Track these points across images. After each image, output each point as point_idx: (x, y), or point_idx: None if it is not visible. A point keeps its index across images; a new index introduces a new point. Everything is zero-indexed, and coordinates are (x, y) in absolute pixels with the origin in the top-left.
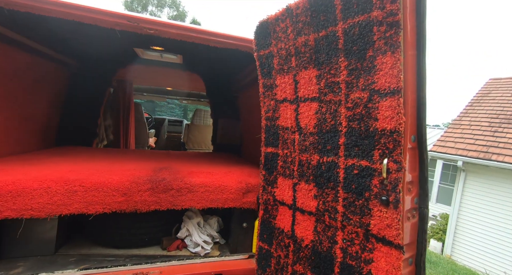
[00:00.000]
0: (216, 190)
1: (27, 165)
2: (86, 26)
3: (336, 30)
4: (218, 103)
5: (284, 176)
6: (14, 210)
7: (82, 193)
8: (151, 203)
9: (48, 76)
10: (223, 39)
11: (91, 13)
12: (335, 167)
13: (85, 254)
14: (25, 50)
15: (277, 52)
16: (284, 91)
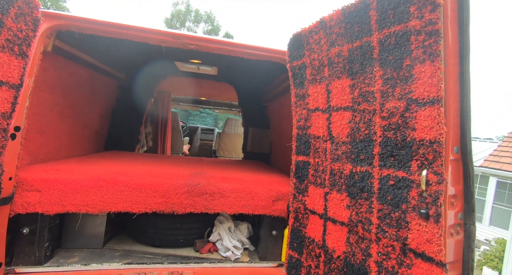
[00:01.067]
0: (247, 196)
1: (84, 166)
2: (134, 44)
3: (371, 41)
4: (249, 112)
5: (315, 185)
6: (74, 205)
7: (128, 193)
8: (186, 206)
9: (101, 88)
10: (256, 51)
11: (143, 33)
12: (369, 177)
13: (128, 250)
14: (86, 66)
15: (310, 63)
16: (316, 101)
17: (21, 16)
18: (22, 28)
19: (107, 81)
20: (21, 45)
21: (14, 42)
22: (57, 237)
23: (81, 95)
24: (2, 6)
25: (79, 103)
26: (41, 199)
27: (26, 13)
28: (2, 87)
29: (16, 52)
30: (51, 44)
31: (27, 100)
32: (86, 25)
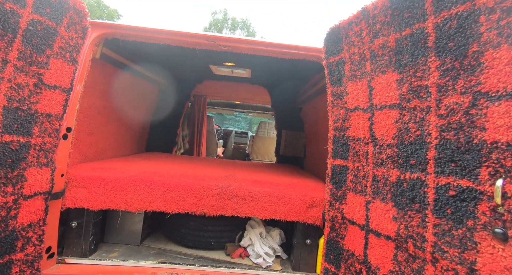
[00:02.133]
0: (279, 201)
1: (125, 166)
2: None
3: (424, 27)
4: (283, 114)
5: (354, 192)
6: (114, 202)
7: (162, 193)
8: (217, 208)
9: (143, 92)
10: (290, 50)
11: (178, 36)
12: (422, 186)
13: (162, 248)
14: (129, 72)
15: (349, 58)
16: (356, 99)
17: (72, 25)
18: (73, 36)
19: (148, 86)
20: (71, 52)
21: (66, 49)
22: (100, 232)
23: (125, 99)
24: (56, 16)
25: (123, 107)
26: (87, 195)
27: (76, 22)
28: (56, 91)
29: (67, 58)
30: (99, 52)
31: (78, 103)
32: (128, 32)
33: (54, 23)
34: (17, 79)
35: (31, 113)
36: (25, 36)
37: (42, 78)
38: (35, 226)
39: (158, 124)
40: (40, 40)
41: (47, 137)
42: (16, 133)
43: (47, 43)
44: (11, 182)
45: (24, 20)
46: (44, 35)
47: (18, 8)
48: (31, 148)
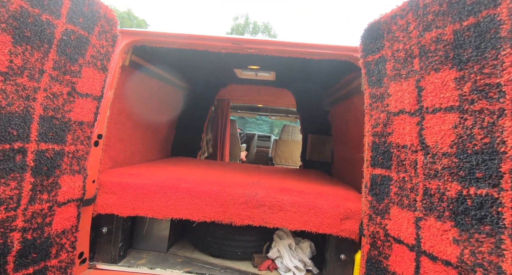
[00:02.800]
0: (309, 212)
1: (152, 172)
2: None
3: (495, 13)
4: (308, 118)
5: (400, 206)
6: (142, 209)
7: (189, 200)
8: (244, 217)
9: (168, 97)
10: (320, 50)
11: (204, 41)
12: (494, 204)
13: (188, 257)
14: (156, 78)
15: (392, 55)
16: (400, 101)
17: (103, 33)
18: (103, 44)
19: (173, 91)
20: (102, 60)
21: (97, 57)
22: (129, 238)
23: (152, 105)
24: (88, 26)
25: (150, 113)
26: (116, 201)
27: (107, 31)
28: (87, 99)
29: (98, 66)
30: (128, 59)
31: (108, 110)
32: (156, 38)
33: (86, 32)
34: (52, 88)
35: (65, 121)
36: (59, 46)
37: (75, 86)
38: (68, 233)
39: (183, 128)
40: (73, 49)
41: (80, 144)
42: (51, 141)
43: (80, 52)
44: (47, 189)
45: (59, 30)
46: (77, 44)
47: (53, 19)
48: (65, 156)
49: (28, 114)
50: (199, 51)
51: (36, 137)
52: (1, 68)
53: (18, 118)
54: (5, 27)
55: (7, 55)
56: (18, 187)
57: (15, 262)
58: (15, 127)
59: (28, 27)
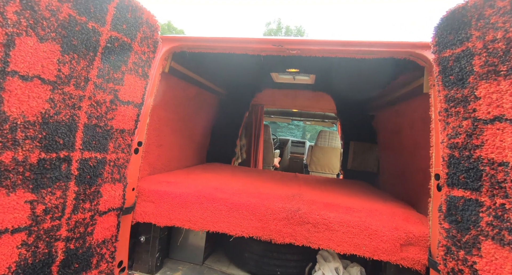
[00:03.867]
0: (362, 233)
1: (189, 179)
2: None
3: None
4: (350, 123)
5: (498, 242)
6: (179, 220)
7: (226, 213)
8: (285, 235)
9: (205, 103)
10: (374, 48)
11: (243, 43)
12: None
13: (224, 272)
14: (193, 84)
15: (485, 47)
16: (496, 106)
17: (144, 39)
18: (145, 50)
19: (210, 97)
20: (143, 66)
21: (138, 64)
22: (166, 248)
23: (189, 111)
24: (131, 32)
25: (187, 118)
26: (154, 210)
27: (148, 37)
28: (128, 106)
29: (139, 73)
30: (168, 66)
31: (148, 117)
32: (195, 44)
33: (129, 39)
34: (96, 96)
35: (107, 130)
36: (103, 54)
37: (117, 94)
38: (108, 243)
39: (218, 134)
40: (117, 56)
41: (120, 152)
42: (94, 149)
43: (123, 59)
44: (89, 198)
45: (104, 38)
46: (120, 52)
47: (98, 26)
48: (107, 164)
49: (73, 123)
50: (236, 56)
51: (80, 146)
52: (50, 77)
53: (64, 127)
54: (55, 36)
55: (56, 64)
56: (63, 196)
57: (58, 272)
58: (61, 135)
59: (75, 35)
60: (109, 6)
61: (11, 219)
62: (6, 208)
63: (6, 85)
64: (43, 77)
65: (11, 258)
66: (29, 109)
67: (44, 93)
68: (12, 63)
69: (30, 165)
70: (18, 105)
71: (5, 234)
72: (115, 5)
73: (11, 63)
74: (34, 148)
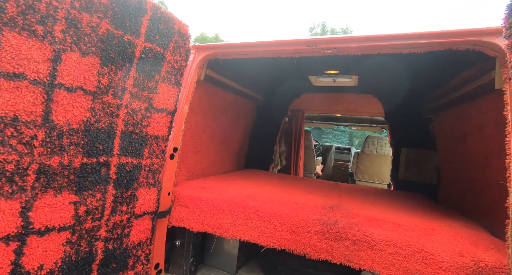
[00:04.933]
0: (414, 257)
1: (223, 186)
2: (270, 64)
3: None
4: (401, 128)
5: None
6: (211, 226)
7: (257, 222)
8: (321, 251)
9: (242, 110)
10: (426, 40)
11: (275, 46)
12: None
13: None
14: (230, 91)
15: None
16: None
17: (177, 48)
18: (177, 59)
19: (247, 103)
20: (176, 75)
21: (171, 73)
22: (200, 253)
23: (226, 117)
24: (164, 42)
25: (225, 125)
26: (188, 215)
27: (180, 45)
28: (162, 114)
29: (172, 81)
30: (203, 74)
31: (183, 124)
32: (228, 50)
33: (162, 49)
34: (132, 104)
35: (142, 136)
36: (138, 64)
37: (151, 102)
38: (143, 245)
39: (256, 140)
40: (151, 66)
41: (155, 158)
42: (131, 155)
43: (156, 69)
44: (126, 201)
45: (138, 49)
46: (153, 62)
47: (134, 39)
48: (142, 169)
49: (112, 130)
50: (272, 60)
51: (118, 151)
52: (91, 88)
53: (104, 134)
54: (95, 50)
55: (96, 76)
56: (103, 199)
57: (98, 271)
58: (101, 142)
59: (113, 48)
60: (143, 19)
61: (57, 218)
62: (53, 208)
63: (54, 96)
64: (85, 88)
65: (57, 254)
66: (73, 118)
67: (86, 103)
68: (59, 77)
69: (74, 169)
70: (64, 114)
71: (53, 232)
72: (148, 17)
73: (58, 76)
74: (77, 153)
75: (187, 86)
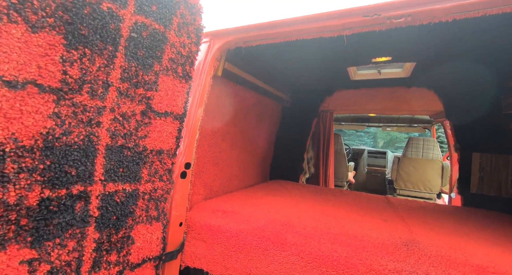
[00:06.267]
0: None
1: (249, 208)
2: (301, 53)
3: None
4: (471, 127)
5: None
6: (237, 270)
7: (302, 269)
8: None
9: (267, 112)
10: None
11: (316, 22)
12: None
13: None
14: (253, 90)
15: None
16: None
17: (183, 26)
18: (185, 42)
19: (271, 104)
20: (184, 64)
21: (177, 61)
22: None
23: (248, 121)
24: (164, 16)
25: (247, 130)
26: (206, 252)
27: (188, 22)
28: (167, 119)
29: (179, 74)
30: (221, 68)
31: (197, 132)
32: (252, 34)
33: (162, 25)
34: (122, 107)
35: (139, 151)
36: (128, 48)
37: (150, 103)
38: None
39: (282, 147)
40: (147, 51)
41: (158, 181)
42: (122, 179)
43: (155, 55)
44: (116, 247)
45: (126, 25)
46: (150, 44)
47: (117, 8)
48: (139, 198)
49: (91, 145)
50: (303, 49)
51: (102, 176)
52: (52, 83)
53: (77, 152)
54: (53, 23)
55: (59, 64)
56: (78, 249)
57: None
58: (73, 164)
59: (84, 21)
60: None
61: None
62: None
63: None
64: (40, 83)
65: None
66: (23, 130)
67: (45, 106)
68: None
69: (27, 209)
70: (6, 125)
71: None
72: None
73: None
74: (33, 184)
75: (200, 83)
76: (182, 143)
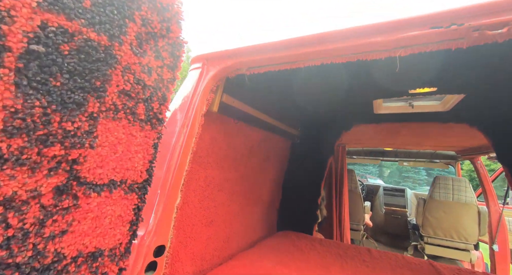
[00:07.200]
0: None
1: None
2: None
3: None
4: None
5: None
6: None
7: None
8: None
9: (273, 151)
10: None
11: (356, 39)
12: None
13: None
14: (258, 126)
15: None
16: None
17: (148, 39)
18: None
19: (279, 141)
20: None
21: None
22: None
23: (252, 164)
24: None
25: (250, 174)
26: None
27: (157, 33)
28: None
29: (139, 116)
30: (217, 102)
31: (179, 197)
32: (260, 57)
33: (105, 35)
34: (16, 180)
35: (44, 265)
36: (22, 72)
37: (77, 170)
38: None
39: (291, 191)
40: (71, 78)
41: None
42: None
43: (90, 86)
44: None
45: (17, 29)
46: (80, 67)
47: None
48: None
49: None
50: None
51: None
52: None
53: None
54: None
55: None
56: None
57: None
58: None
59: None
60: None
61: None
62: None
63: None
64: None
65: None
66: None
67: None
68: None
69: None
70: None
71: None
72: None
73: None
74: None
75: (187, 123)
76: (153, 220)
